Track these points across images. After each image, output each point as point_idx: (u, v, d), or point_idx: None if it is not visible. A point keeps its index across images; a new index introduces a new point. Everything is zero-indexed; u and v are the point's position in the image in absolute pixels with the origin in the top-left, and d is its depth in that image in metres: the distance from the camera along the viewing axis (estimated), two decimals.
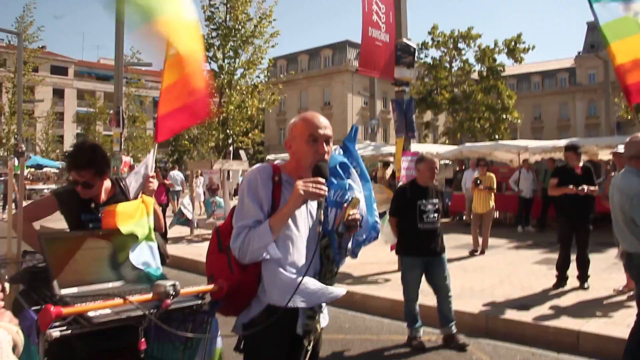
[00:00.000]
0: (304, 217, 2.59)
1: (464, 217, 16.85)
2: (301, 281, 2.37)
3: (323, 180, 2.42)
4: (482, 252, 11.23)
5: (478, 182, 11.12)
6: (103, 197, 3.50)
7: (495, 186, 11.43)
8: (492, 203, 11.26)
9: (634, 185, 4.35)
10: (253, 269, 2.49)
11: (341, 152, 2.92)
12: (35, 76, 32.96)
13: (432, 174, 5.89)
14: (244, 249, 2.43)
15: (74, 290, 2.63)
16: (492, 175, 11.52)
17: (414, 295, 5.89)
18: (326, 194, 2.43)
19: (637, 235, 4.37)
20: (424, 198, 5.82)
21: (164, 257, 3.60)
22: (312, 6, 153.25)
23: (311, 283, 2.49)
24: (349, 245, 2.69)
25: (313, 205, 2.62)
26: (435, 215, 5.83)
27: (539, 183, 15.38)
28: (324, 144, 2.55)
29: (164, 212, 12.53)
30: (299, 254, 2.51)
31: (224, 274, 2.55)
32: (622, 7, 4.96)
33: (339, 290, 2.55)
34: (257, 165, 2.71)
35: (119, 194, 3.61)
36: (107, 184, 3.60)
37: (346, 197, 2.59)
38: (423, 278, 5.89)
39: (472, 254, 11.19)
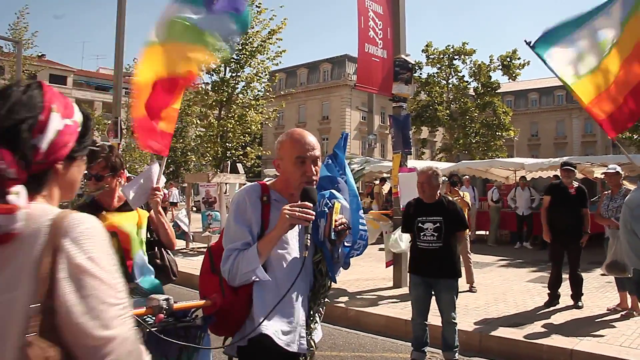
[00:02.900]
0: (297, 239, 2.58)
1: None
2: (278, 303, 2.34)
3: (310, 205, 2.41)
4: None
5: None
6: (115, 203, 3.48)
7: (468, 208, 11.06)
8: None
9: (636, 197, 4.42)
10: (245, 290, 2.48)
11: (329, 161, 2.91)
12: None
13: (421, 189, 5.67)
14: (233, 272, 2.45)
15: None
16: (465, 193, 11.07)
17: (416, 314, 5.73)
18: (313, 218, 2.40)
19: (635, 250, 4.39)
20: (424, 215, 5.61)
21: (174, 274, 3.60)
22: (312, 20, 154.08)
23: (298, 330, 2.52)
24: (341, 252, 2.65)
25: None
26: (435, 234, 5.51)
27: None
28: (312, 166, 2.54)
29: None
30: (291, 275, 2.44)
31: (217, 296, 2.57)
32: (561, 49, 5.17)
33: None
34: (246, 185, 2.71)
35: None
36: (121, 193, 3.61)
37: (329, 205, 2.56)
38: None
39: None
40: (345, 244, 2.66)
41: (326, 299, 2.76)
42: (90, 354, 1.19)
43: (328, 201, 2.56)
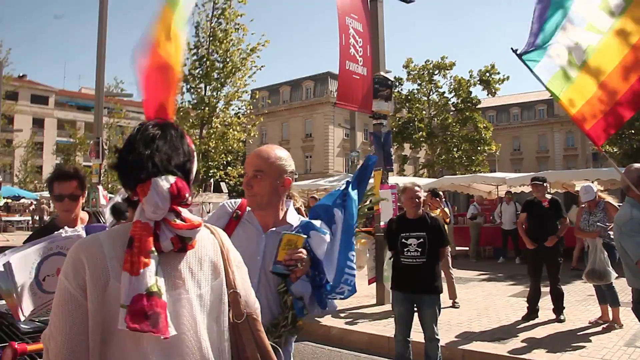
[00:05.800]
0: (252, 257, 2.41)
1: None
2: None
3: None
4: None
5: None
6: (78, 225, 3.39)
7: (448, 220, 11.02)
8: None
9: (624, 214, 4.40)
10: None
11: (342, 186, 2.72)
12: (13, 104, 32.55)
13: (413, 204, 5.59)
14: None
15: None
16: (445, 210, 10.89)
17: (398, 331, 5.65)
18: None
19: (630, 269, 4.37)
20: (408, 231, 5.55)
21: None
22: (294, 38, 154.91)
23: None
24: (302, 290, 2.40)
25: (266, 245, 2.47)
26: (419, 250, 5.45)
27: None
28: (247, 181, 2.45)
29: None
30: None
31: None
32: (548, 59, 5.02)
33: None
34: (229, 200, 2.69)
35: None
36: (83, 215, 3.58)
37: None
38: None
39: None
40: (329, 282, 2.46)
41: (292, 336, 2.48)
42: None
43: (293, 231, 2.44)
